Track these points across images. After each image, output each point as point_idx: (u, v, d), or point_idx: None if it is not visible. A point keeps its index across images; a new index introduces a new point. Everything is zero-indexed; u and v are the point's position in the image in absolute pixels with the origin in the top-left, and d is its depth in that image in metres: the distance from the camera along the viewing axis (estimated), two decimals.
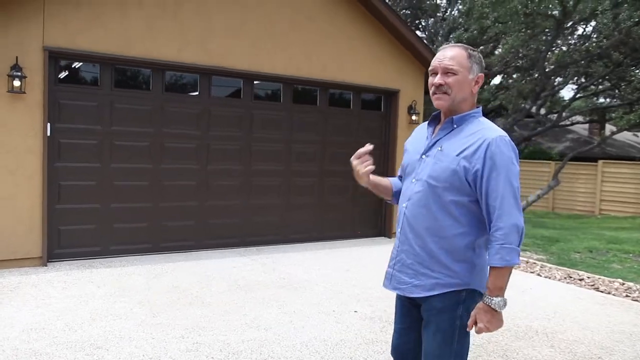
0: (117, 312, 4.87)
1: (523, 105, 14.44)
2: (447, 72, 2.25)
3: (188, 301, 5.29)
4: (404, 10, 20.11)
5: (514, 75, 17.55)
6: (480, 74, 2.31)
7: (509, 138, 2.22)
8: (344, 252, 7.99)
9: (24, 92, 6.15)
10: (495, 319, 2.17)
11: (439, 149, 2.29)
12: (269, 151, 8.11)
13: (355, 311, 5.21)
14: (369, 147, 2.41)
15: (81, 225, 6.80)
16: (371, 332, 4.65)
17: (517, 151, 2.23)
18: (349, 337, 4.48)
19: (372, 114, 9.24)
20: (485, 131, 2.22)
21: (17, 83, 6.08)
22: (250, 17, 7.63)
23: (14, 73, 6.05)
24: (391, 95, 9.25)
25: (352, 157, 2.43)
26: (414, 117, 9.33)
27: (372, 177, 2.48)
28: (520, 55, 15.24)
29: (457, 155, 2.22)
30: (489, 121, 2.31)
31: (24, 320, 4.54)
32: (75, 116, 6.68)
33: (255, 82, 8.02)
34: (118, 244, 7.02)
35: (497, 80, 21.37)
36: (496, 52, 17.10)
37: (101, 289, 5.57)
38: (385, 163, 9.22)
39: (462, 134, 2.26)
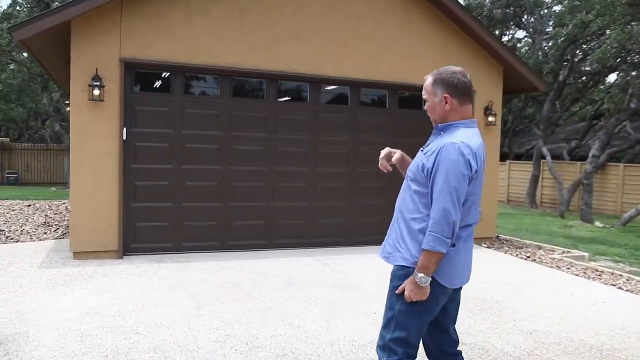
0: (167, 302, 5.22)
1: (629, 104, 13.30)
2: (424, 100, 2.76)
3: (236, 296, 5.54)
4: (503, 9, 19.35)
5: (633, 73, 16.19)
6: (445, 94, 2.63)
7: (465, 144, 2.52)
8: None
9: (103, 100, 6.79)
10: (417, 290, 2.56)
11: (421, 149, 2.74)
12: (334, 154, 8.23)
13: None
14: (397, 155, 2.95)
15: (154, 222, 7.33)
16: None
17: (471, 157, 2.52)
18: (376, 340, 4.46)
19: None
20: (448, 138, 2.57)
21: (96, 92, 6.72)
22: (315, 23, 7.81)
23: (94, 83, 6.69)
24: None
25: (384, 154, 2.96)
26: (490, 118, 9.01)
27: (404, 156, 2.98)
28: (628, 49, 14.05)
29: (424, 154, 2.66)
30: (464, 130, 2.61)
31: (85, 305, 5.02)
32: (149, 121, 7.23)
33: (325, 86, 8.19)
34: (188, 240, 7.49)
35: (612, 77, 19.86)
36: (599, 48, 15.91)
37: (162, 282, 5.99)
38: None
39: (441, 139, 2.63)
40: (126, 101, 7.02)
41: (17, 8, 20.78)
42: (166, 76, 7.41)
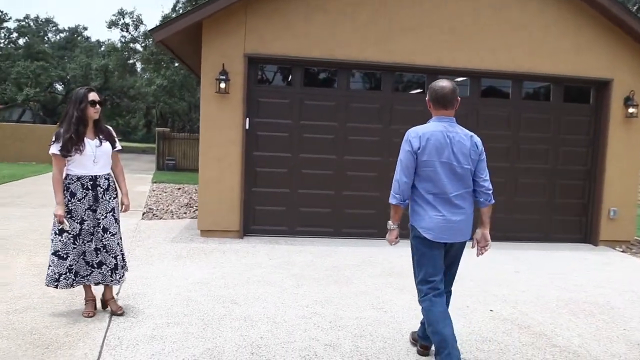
0: (270, 279, 5.66)
1: None
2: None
3: (335, 279, 5.82)
4: None
5: None
6: (427, 99, 3.63)
7: (415, 130, 3.51)
8: (527, 254, 7.56)
9: (228, 93, 7.44)
10: (387, 233, 3.74)
11: None
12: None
13: (491, 310, 5.06)
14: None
15: (272, 207, 7.88)
16: (491, 331, 4.51)
17: (413, 141, 3.46)
18: (461, 332, 4.45)
19: (577, 107, 8.45)
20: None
21: (222, 85, 7.39)
22: (430, 14, 7.77)
23: (220, 77, 7.36)
24: (601, 86, 8.32)
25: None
26: (631, 110, 8.24)
27: None
28: None
29: None
30: (430, 122, 3.56)
31: (198, 276, 5.64)
32: (269, 112, 7.76)
33: (448, 77, 8.12)
34: (302, 225, 7.92)
35: None
36: None
37: (271, 261, 6.47)
38: (593, 161, 8.39)
39: None
40: (249, 93, 7.61)
41: (179, 11, 23.02)
42: (287, 69, 7.88)
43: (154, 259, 6.31)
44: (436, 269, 3.52)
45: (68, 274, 4.14)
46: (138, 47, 27.15)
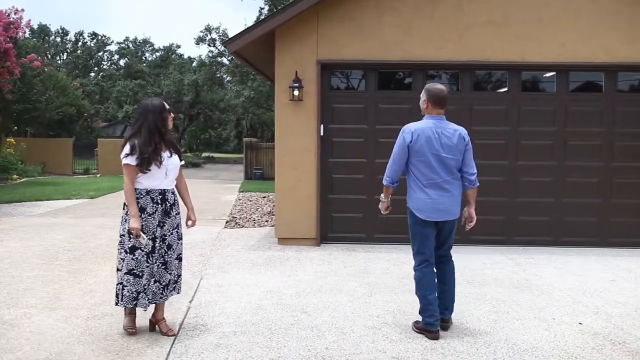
0: (342, 287, 5.57)
1: None
2: None
3: (410, 288, 5.58)
4: None
5: None
6: (424, 99, 4.35)
7: (409, 126, 4.28)
8: (623, 261, 6.94)
9: (302, 100, 7.47)
10: (380, 204, 4.64)
11: None
12: (537, 145, 7.66)
13: (580, 323, 4.66)
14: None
15: (349, 214, 7.79)
16: (579, 347, 4.14)
17: (406, 136, 4.23)
18: (544, 347, 4.12)
19: None
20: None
21: (296, 93, 7.43)
22: (512, 7, 7.38)
23: (294, 84, 7.41)
24: None
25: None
26: None
27: None
28: None
29: None
30: (421, 121, 4.31)
31: (270, 284, 5.66)
32: (344, 117, 7.70)
33: (524, 73, 7.69)
34: (380, 232, 7.77)
35: None
36: None
37: (346, 269, 6.38)
38: None
39: None
40: (323, 99, 7.60)
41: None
42: (360, 74, 7.79)
43: (230, 267, 6.43)
44: (427, 244, 4.30)
45: (145, 292, 3.98)
46: (225, 60, 28.18)
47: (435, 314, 4.18)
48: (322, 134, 7.60)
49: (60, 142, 24.30)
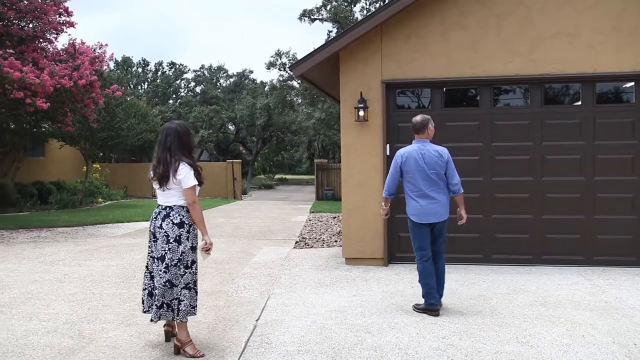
0: (409, 308, 5.51)
1: None
2: None
3: (478, 309, 5.49)
4: None
5: None
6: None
7: (400, 151, 5.44)
8: None
9: (367, 120, 7.53)
10: (381, 210, 5.69)
11: None
12: (615, 160, 7.30)
13: None
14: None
15: None
16: None
17: (397, 158, 5.42)
18: None
19: None
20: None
21: (361, 113, 7.51)
22: (584, 17, 7.15)
23: (359, 105, 7.49)
24: None
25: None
26: None
27: None
28: None
29: None
30: (411, 145, 5.48)
31: (336, 304, 5.70)
32: (409, 136, 7.60)
33: (598, 84, 7.39)
34: (449, 252, 7.59)
35: None
36: None
37: (414, 289, 6.31)
38: None
39: None
40: (388, 119, 7.63)
41: None
42: (425, 92, 7.77)
43: (297, 286, 6.52)
44: (424, 242, 5.35)
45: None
46: (295, 84, 28.78)
47: (436, 296, 5.28)
48: (388, 153, 7.62)
49: (141, 167, 25.58)
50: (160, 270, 4.16)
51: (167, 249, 4.16)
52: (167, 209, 4.24)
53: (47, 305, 5.61)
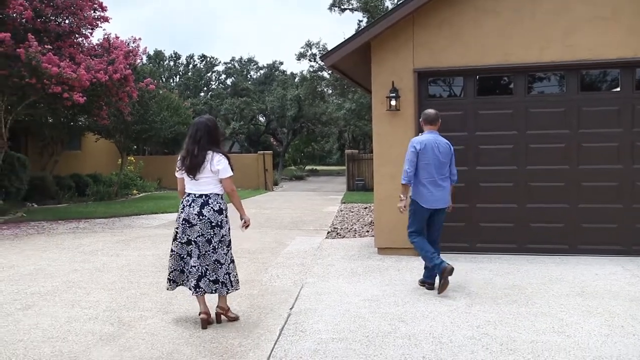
0: (442, 297, 5.50)
1: None
2: None
3: (514, 299, 5.45)
4: None
5: None
6: (420, 120, 6.02)
7: (416, 138, 5.80)
8: None
9: (399, 110, 7.50)
10: (400, 202, 5.75)
11: None
12: None
13: None
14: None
15: (450, 223, 7.55)
16: None
17: (416, 145, 5.68)
18: None
19: None
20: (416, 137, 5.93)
21: (393, 103, 7.48)
22: (623, 0, 6.95)
23: (391, 94, 7.46)
24: None
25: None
26: None
27: None
28: None
29: None
30: (424, 134, 5.84)
31: (369, 293, 5.72)
32: (443, 125, 7.48)
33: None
34: (482, 241, 7.57)
35: None
36: None
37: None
38: None
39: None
40: (420, 108, 7.55)
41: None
42: (458, 80, 7.69)
43: (330, 275, 6.57)
44: (422, 223, 5.84)
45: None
46: (325, 74, 28.72)
47: (438, 257, 5.61)
48: None
49: (174, 159, 25.85)
50: (210, 251, 4.59)
51: (212, 233, 4.58)
52: (204, 197, 4.59)
53: (87, 293, 5.79)
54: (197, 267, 4.57)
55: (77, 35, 12.82)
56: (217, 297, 4.81)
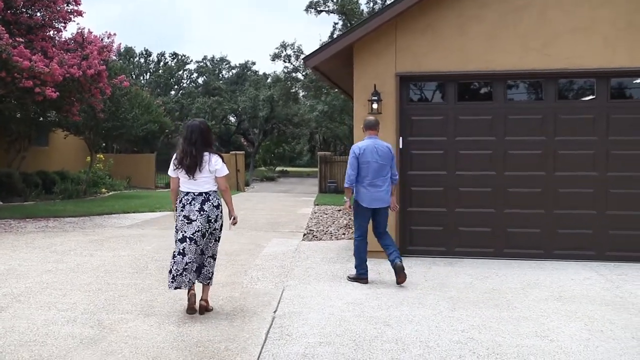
0: (424, 301, 5.53)
1: None
2: None
3: (495, 303, 5.50)
4: None
5: None
6: (362, 127, 6.55)
7: (356, 145, 6.27)
8: None
9: (381, 113, 7.51)
10: (344, 205, 6.46)
11: None
12: (629, 156, 7.30)
13: None
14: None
15: (429, 227, 7.72)
16: None
17: (356, 151, 6.15)
18: None
19: None
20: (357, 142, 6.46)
21: (375, 106, 7.49)
22: (600, 13, 7.12)
23: (373, 98, 7.47)
24: None
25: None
26: None
27: None
28: None
29: None
30: (364, 140, 6.27)
31: (352, 296, 5.70)
32: (423, 130, 7.67)
33: (614, 80, 7.38)
34: (461, 246, 7.64)
35: None
36: None
37: (427, 282, 6.33)
38: None
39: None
40: (401, 112, 7.61)
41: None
42: (438, 86, 7.75)
43: (310, 278, 6.53)
44: (365, 223, 6.28)
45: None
46: (299, 76, 28.67)
47: (366, 267, 6.29)
48: (401, 146, 7.60)
49: (144, 158, 25.58)
50: (203, 246, 4.94)
51: (207, 227, 4.91)
52: (204, 194, 4.94)
53: (63, 294, 5.61)
54: (192, 263, 4.85)
55: (49, 29, 12.46)
56: (200, 289, 5.09)
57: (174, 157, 5.03)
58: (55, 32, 12.67)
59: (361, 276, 6.27)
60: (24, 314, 4.94)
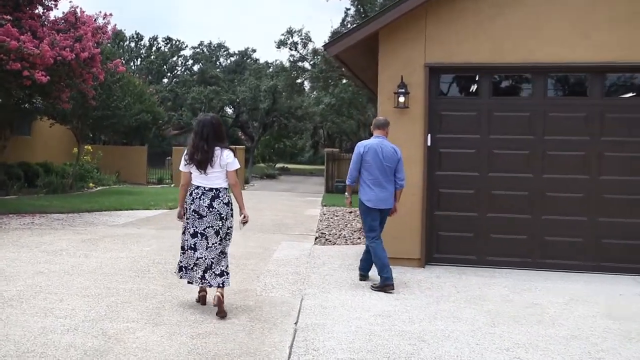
0: (460, 315, 5.42)
1: None
2: None
3: (538, 319, 5.39)
4: None
5: None
6: (371, 127, 6.80)
7: (362, 142, 6.50)
8: None
9: (407, 107, 7.39)
10: (346, 200, 6.92)
11: None
12: None
13: None
14: None
15: (458, 233, 7.60)
16: None
17: (360, 149, 6.37)
18: None
19: None
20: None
21: (401, 99, 7.37)
22: None
23: (399, 90, 7.35)
24: None
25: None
26: None
27: None
28: None
29: None
30: (372, 138, 6.53)
31: (379, 308, 5.58)
32: (453, 126, 7.55)
33: None
34: (493, 254, 7.52)
35: None
36: None
37: (459, 294, 6.22)
38: None
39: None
40: (430, 106, 7.48)
41: (347, 25, 23.81)
42: (471, 79, 7.63)
43: (330, 287, 6.41)
44: (375, 223, 6.40)
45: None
46: (307, 65, 28.53)
47: (390, 271, 6.23)
48: (429, 143, 7.48)
49: (135, 150, 25.45)
50: (216, 243, 5.17)
51: (220, 224, 5.17)
52: (215, 190, 5.18)
53: (60, 300, 5.49)
54: (203, 259, 5.12)
55: (37, 6, 12.31)
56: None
57: (184, 152, 5.31)
58: (45, 10, 12.52)
59: (387, 282, 6.21)
60: (17, 320, 4.82)
